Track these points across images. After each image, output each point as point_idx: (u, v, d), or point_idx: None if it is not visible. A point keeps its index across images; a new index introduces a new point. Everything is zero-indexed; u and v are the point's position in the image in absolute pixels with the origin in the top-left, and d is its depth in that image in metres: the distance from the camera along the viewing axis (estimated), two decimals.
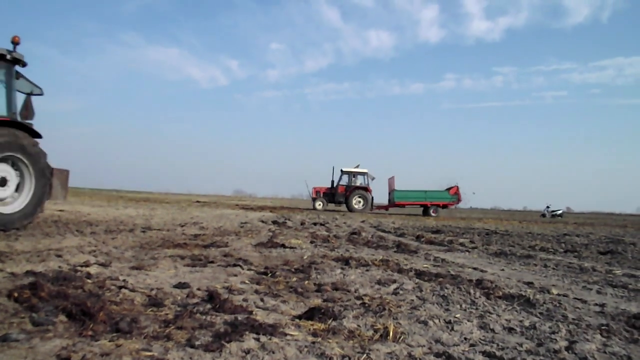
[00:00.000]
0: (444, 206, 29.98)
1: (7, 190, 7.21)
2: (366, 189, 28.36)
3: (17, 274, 3.69)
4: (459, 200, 29.97)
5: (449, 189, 29.66)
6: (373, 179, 28.99)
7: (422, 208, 29.78)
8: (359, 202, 28.01)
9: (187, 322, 2.69)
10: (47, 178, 7.70)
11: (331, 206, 29.52)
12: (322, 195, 28.90)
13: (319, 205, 28.38)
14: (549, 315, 3.42)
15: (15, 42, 7.43)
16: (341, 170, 29.11)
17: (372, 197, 28.59)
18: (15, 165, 7.30)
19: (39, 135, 7.59)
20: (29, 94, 7.95)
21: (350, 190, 28.28)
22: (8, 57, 7.30)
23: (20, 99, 7.77)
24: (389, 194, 29.90)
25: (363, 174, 28.83)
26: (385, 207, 30.34)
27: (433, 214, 28.65)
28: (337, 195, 28.52)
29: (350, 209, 27.71)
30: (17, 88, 7.74)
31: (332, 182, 29.03)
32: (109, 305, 2.89)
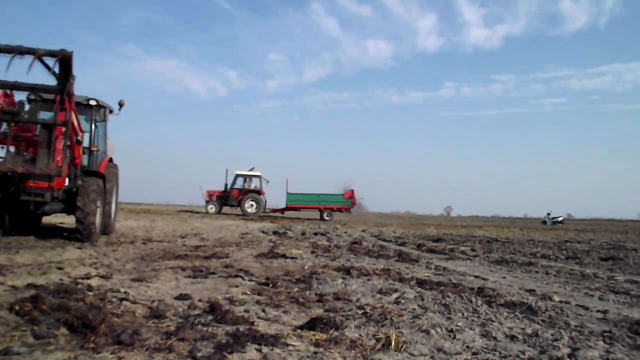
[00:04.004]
0: (339, 210, 29.87)
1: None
2: (259, 192, 28.16)
3: (18, 287, 3.70)
4: (353, 204, 29.82)
5: (344, 193, 29.61)
6: (267, 182, 28.92)
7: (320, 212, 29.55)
8: (252, 205, 27.73)
9: (189, 333, 2.68)
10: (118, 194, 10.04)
11: (226, 209, 29.26)
12: (215, 198, 28.63)
13: (211, 208, 28.17)
14: (551, 322, 3.41)
15: (121, 105, 9.25)
16: (236, 174, 28.91)
17: (265, 201, 28.48)
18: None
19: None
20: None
21: (244, 193, 28.06)
22: (115, 113, 9.42)
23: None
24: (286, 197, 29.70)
25: (257, 177, 28.69)
26: (281, 211, 29.99)
27: (327, 218, 28.29)
28: (230, 199, 28.25)
29: (244, 213, 27.52)
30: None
31: (226, 185, 28.78)
32: (111, 318, 2.89)
